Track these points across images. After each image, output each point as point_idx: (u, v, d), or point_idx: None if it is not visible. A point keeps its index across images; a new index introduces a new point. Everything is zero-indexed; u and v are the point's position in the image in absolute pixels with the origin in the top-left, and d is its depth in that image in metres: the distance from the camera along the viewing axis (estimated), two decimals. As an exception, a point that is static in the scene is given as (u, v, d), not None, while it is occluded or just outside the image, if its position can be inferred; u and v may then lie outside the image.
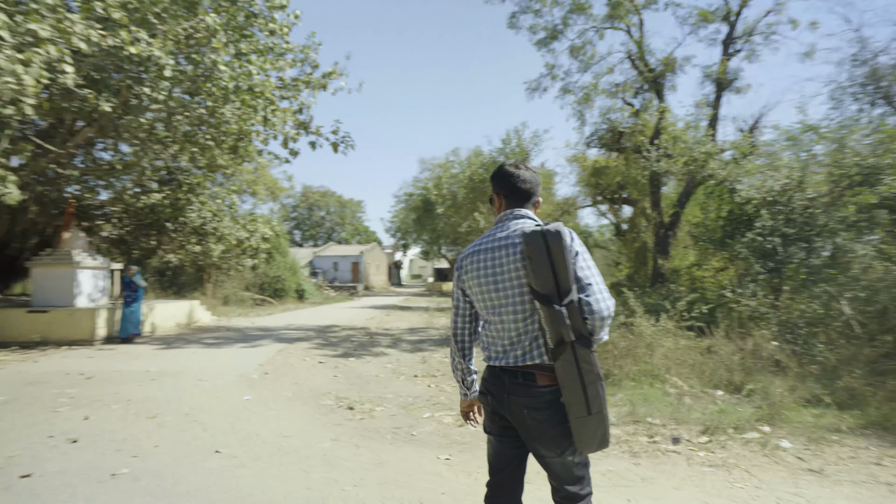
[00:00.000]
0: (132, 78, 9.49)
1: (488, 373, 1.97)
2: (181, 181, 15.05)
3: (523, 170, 2.01)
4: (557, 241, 1.74)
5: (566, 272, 1.73)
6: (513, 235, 1.88)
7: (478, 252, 1.95)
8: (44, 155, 10.85)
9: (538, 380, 1.81)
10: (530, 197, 2.01)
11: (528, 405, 1.81)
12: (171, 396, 6.03)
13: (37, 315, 9.86)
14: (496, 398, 1.91)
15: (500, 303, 1.87)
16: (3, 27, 6.44)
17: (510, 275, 1.84)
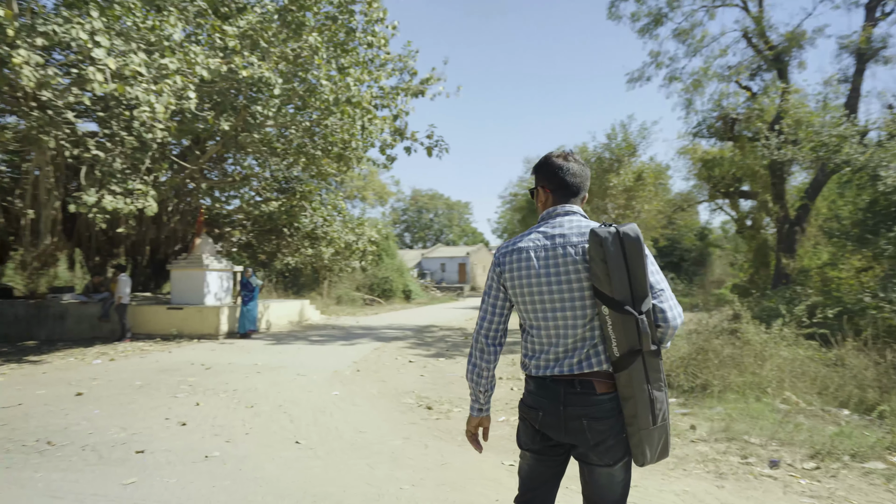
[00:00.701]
0: (247, 98, 10.52)
1: (535, 385, 1.79)
2: (295, 189, 16.33)
3: (573, 162, 1.84)
4: (636, 243, 1.62)
5: (643, 277, 1.63)
6: (570, 234, 1.74)
7: (526, 250, 1.78)
8: (181, 171, 12.44)
9: (597, 387, 1.69)
10: (579, 192, 1.85)
11: (588, 414, 1.68)
12: (270, 388, 6.57)
13: (174, 311, 11.31)
14: (548, 412, 1.73)
15: (556, 306, 1.72)
16: (141, 64, 7.46)
17: (570, 276, 1.70)
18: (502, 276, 1.82)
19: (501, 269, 1.82)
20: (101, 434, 4.69)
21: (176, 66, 7.75)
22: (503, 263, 1.82)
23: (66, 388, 6.63)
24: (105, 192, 8.53)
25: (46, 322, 11.82)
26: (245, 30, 10.00)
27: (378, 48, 12.94)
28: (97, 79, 6.92)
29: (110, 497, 3.36)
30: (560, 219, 1.80)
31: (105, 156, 8.94)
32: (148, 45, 8.30)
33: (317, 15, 11.32)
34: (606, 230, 1.63)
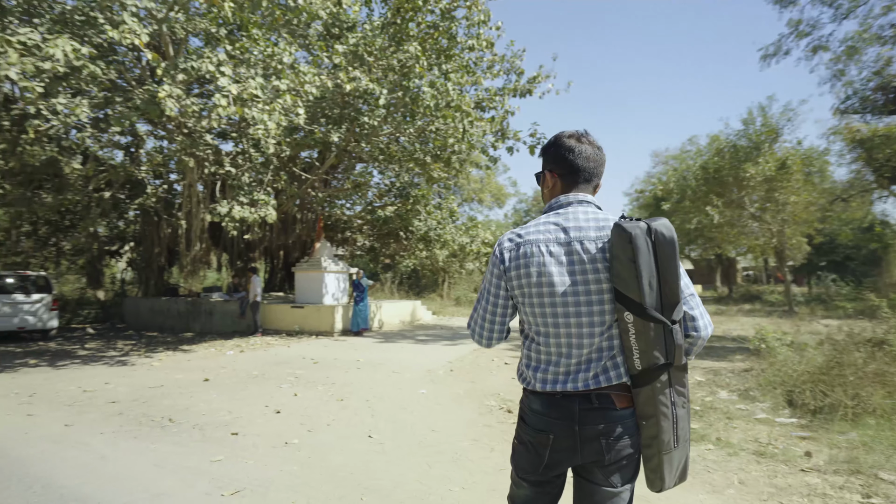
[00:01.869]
0: (355, 110, 11.24)
1: (544, 403, 1.53)
2: (409, 194, 17.03)
3: (587, 144, 1.61)
4: (670, 243, 1.40)
5: (676, 281, 1.42)
6: (587, 227, 1.51)
7: (536, 244, 1.53)
8: (304, 182, 13.66)
9: (616, 402, 1.48)
10: (592, 178, 1.62)
11: (607, 433, 1.47)
12: (364, 383, 6.92)
13: (297, 310, 12.44)
14: (561, 435, 1.49)
15: (570, 311, 1.48)
16: (258, 87, 8.36)
17: (587, 276, 1.47)
18: (507, 275, 1.57)
19: (505, 265, 1.56)
20: (211, 416, 5.32)
21: (286, 87, 8.54)
22: (508, 259, 1.56)
23: (199, 374, 7.63)
24: (235, 203, 9.68)
25: (200, 317, 13.72)
26: (353, 47, 10.70)
27: (481, 50, 13.04)
28: (221, 104, 7.88)
29: (197, 471, 3.79)
30: (573, 209, 1.56)
31: (236, 171, 10.15)
32: (265, 69, 9.26)
33: (420, 25, 11.72)
34: (636, 225, 1.40)
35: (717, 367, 8.04)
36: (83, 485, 3.52)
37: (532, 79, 14.24)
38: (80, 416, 5.38)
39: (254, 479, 3.61)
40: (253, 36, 9.40)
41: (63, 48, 6.75)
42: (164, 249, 14.95)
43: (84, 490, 3.43)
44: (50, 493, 3.39)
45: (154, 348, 10.60)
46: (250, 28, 9.28)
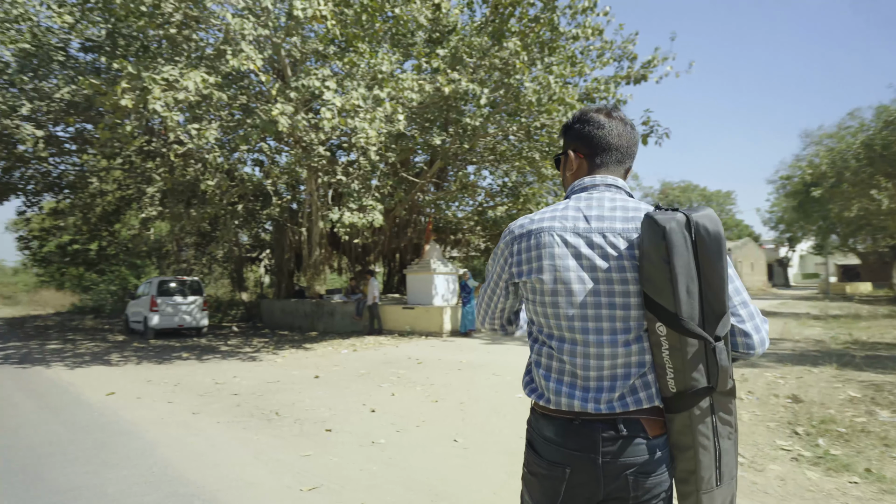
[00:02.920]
0: (456, 111, 11.31)
1: (559, 430, 1.25)
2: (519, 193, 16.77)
3: (617, 120, 1.35)
4: (716, 239, 1.12)
5: (722, 287, 1.14)
6: (614, 216, 1.24)
7: (550, 232, 1.26)
8: (412, 186, 14.08)
9: (648, 429, 1.21)
10: (624, 160, 1.37)
11: (637, 468, 1.20)
12: (461, 385, 6.88)
13: (408, 311, 12.83)
14: (578, 469, 1.21)
15: (589, 313, 1.22)
16: (359, 98, 8.76)
17: (611, 274, 1.20)
18: (514, 268, 1.31)
19: (513, 259, 1.31)
20: (312, 411, 5.63)
21: (385, 95, 8.83)
22: (515, 253, 1.30)
23: (312, 371, 8.16)
24: (345, 210, 10.24)
25: (323, 317, 14.76)
26: (452, 50, 10.78)
27: (586, 39, 12.42)
28: (326, 116, 8.37)
29: (286, 464, 3.99)
30: (599, 193, 1.30)
31: (346, 179, 10.74)
32: (368, 79, 9.68)
33: (521, 19, 11.48)
34: (671, 217, 1.13)
35: (880, 380, 6.72)
36: (190, 470, 3.89)
37: (647, 63, 13.27)
38: (207, 406, 6.01)
39: (333, 477, 3.70)
40: (359, 50, 9.89)
41: (194, 80, 7.64)
42: (293, 255, 16.34)
43: (188, 475, 3.78)
44: (162, 474, 3.79)
45: (281, 346, 11.60)
46: (356, 43, 9.78)
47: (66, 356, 10.33)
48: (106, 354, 10.61)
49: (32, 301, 29.24)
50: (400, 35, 11.69)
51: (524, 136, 13.34)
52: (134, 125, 8.16)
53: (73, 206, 16.67)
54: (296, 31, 9.87)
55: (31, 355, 10.48)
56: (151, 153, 11.69)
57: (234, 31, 8.19)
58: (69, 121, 11.50)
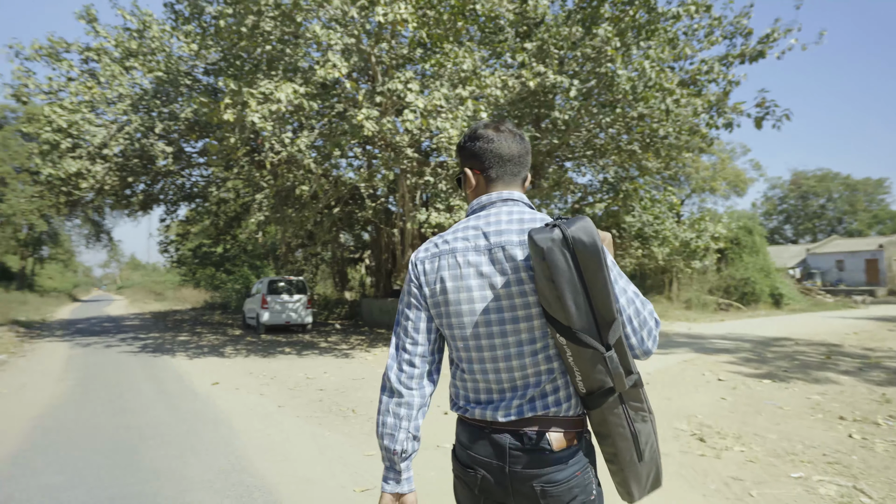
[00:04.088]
0: (543, 105, 10.91)
1: (470, 435, 1.32)
2: (618, 189, 15.89)
3: (507, 133, 1.38)
4: (592, 251, 1.13)
5: (607, 296, 1.16)
6: (511, 230, 1.28)
7: (452, 253, 1.32)
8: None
9: (554, 443, 1.24)
10: (518, 172, 1.40)
11: (544, 480, 1.24)
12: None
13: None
14: (490, 472, 1.27)
15: (495, 329, 1.27)
16: (441, 98, 8.77)
17: (511, 289, 1.25)
18: (421, 291, 1.35)
19: (419, 280, 1.35)
20: (387, 410, 5.68)
21: (467, 93, 8.74)
22: (420, 275, 1.35)
23: (397, 369, 8.30)
24: (432, 210, 10.31)
25: (417, 316, 15.04)
26: (540, 42, 10.43)
27: (690, 17, 11.39)
28: (409, 118, 8.47)
29: (347, 463, 4.04)
30: (496, 209, 1.34)
31: (434, 180, 10.82)
32: (452, 79, 9.66)
33: (615, 4, 10.81)
34: (548, 236, 1.13)
35: None
36: (260, 461, 4.08)
37: (765, 37, 11.85)
38: (292, 400, 6.33)
39: (388, 479, 3.67)
40: (444, 50, 9.92)
41: (286, 92, 8.12)
42: (389, 255, 16.87)
43: (257, 465, 3.96)
44: (235, 464, 4.01)
45: (375, 344, 11.99)
46: (443, 44, 9.82)
47: (189, 347, 11.54)
48: (222, 347, 11.69)
49: (175, 297, 33.29)
50: (487, 31, 11.55)
51: (623, 127, 12.55)
52: (237, 137, 8.89)
53: (201, 214, 18.67)
54: (385, 38, 10.15)
55: (163, 345, 11.86)
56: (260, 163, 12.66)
57: (323, 42, 8.59)
58: (193, 137, 12.86)
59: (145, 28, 12.59)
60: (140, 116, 12.24)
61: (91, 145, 11.62)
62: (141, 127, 12.02)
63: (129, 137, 11.94)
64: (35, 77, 12.88)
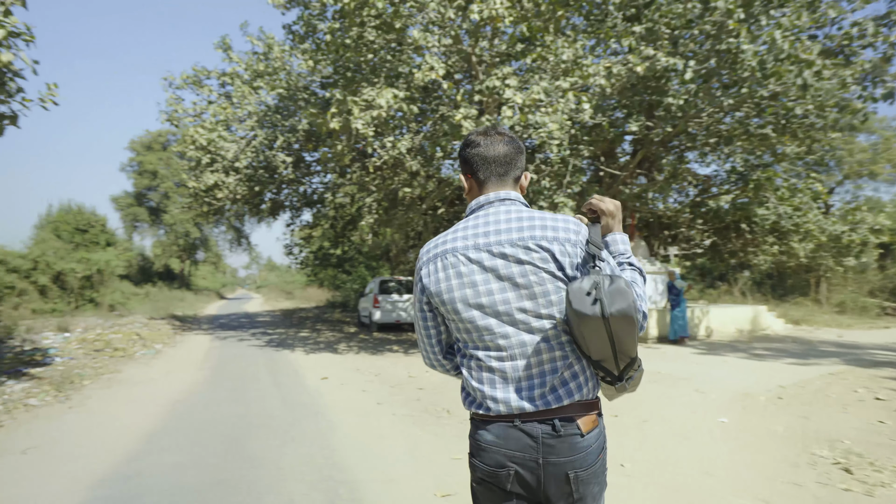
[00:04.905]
0: (655, 91, 10.08)
1: (500, 432, 1.31)
2: (747, 178, 14.29)
3: (494, 136, 1.43)
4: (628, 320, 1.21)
5: (633, 345, 1.26)
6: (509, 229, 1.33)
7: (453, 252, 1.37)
8: (615, 179, 13.08)
9: (583, 427, 1.30)
10: (507, 172, 1.43)
11: (575, 465, 1.27)
12: (651, 399, 6.04)
13: (609, 313, 11.93)
14: (524, 470, 1.28)
15: (506, 319, 1.32)
16: (540, 92, 8.47)
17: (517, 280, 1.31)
18: (429, 290, 1.40)
19: (427, 280, 1.41)
20: (481, 413, 5.57)
21: (568, 85, 8.34)
22: (427, 275, 1.41)
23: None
24: (535, 208, 10.01)
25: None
26: (651, 24, 9.68)
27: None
28: (506, 115, 8.29)
29: (435, 464, 3.99)
30: (494, 208, 1.40)
31: (537, 177, 10.50)
32: (554, 71, 9.29)
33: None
34: (588, 306, 1.17)
35: None
36: (351, 457, 4.18)
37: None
38: (392, 397, 6.47)
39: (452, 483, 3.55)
40: (546, 42, 9.60)
41: (386, 97, 8.37)
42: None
43: (348, 462, 4.06)
44: (328, 458, 4.15)
45: (480, 343, 11.94)
46: (545, 35, 9.50)
47: (308, 343, 12.41)
48: (336, 343, 12.40)
49: (302, 296, 36.19)
50: (592, 19, 10.96)
51: (752, 109, 11.20)
52: (343, 144, 9.35)
53: (321, 218, 20.05)
54: (484, 35, 10.07)
55: (286, 340, 12.88)
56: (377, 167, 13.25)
57: (421, 46, 8.72)
58: (309, 147, 13.81)
59: (269, 50, 13.79)
60: (265, 131, 13.43)
61: (225, 159, 12.97)
62: (265, 140, 13.18)
63: (255, 150, 13.15)
64: (183, 103, 14.71)
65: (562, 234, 1.30)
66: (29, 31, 6.49)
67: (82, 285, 19.74)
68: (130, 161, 37.40)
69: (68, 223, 24.97)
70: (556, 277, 1.29)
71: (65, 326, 13.02)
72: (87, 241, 24.62)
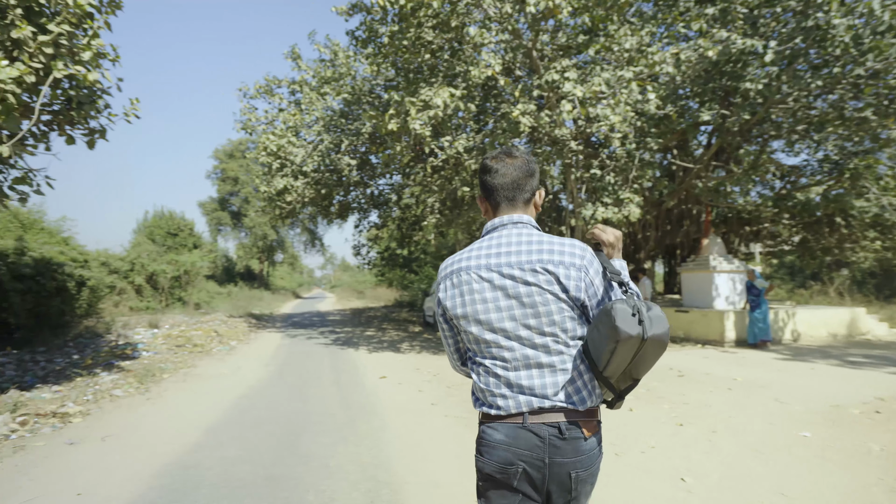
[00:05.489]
0: (730, 77, 9.35)
1: (509, 432, 1.39)
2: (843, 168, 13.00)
3: (505, 160, 1.52)
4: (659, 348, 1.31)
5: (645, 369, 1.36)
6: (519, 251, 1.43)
7: (465, 271, 1.48)
8: (688, 173, 12.32)
9: (585, 430, 1.39)
10: (515, 196, 1.52)
11: (577, 466, 1.37)
12: (724, 409, 5.59)
13: (682, 314, 11.23)
14: (531, 466, 1.36)
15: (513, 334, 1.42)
16: (601, 83, 8.11)
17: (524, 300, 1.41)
18: (444, 304, 1.52)
19: (444, 294, 1.52)
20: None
21: (631, 75, 7.91)
22: (444, 290, 1.53)
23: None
24: (598, 204, 9.61)
25: (590, 318, 14.29)
26: (726, 5, 9.01)
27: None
28: (566, 109, 8.00)
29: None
30: (507, 231, 1.50)
31: (601, 172, 10.08)
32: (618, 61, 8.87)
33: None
34: (632, 327, 1.24)
35: None
36: (399, 458, 4.16)
37: None
38: (446, 399, 6.43)
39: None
40: (609, 32, 9.20)
41: (442, 97, 8.34)
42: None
43: (395, 462, 4.05)
44: (375, 458, 4.16)
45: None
46: (608, 24, 9.11)
47: (372, 342, 12.66)
48: (400, 342, 12.56)
49: (372, 296, 37.13)
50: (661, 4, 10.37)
51: (849, 90, 10.12)
52: (402, 145, 9.43)
53: (387, 219, 20.44)
54: (545, 29, 9.81)
55: (351, 339, 13.22)
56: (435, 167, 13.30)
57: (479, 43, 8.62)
58: (373, 149, 14.10)
59: (335, 57, 14.22)
60: (330, 135, 13.86)
61: (293, 164, 13.52)
62: (330, 144, 13.60)
63: (321, 154, 13.60)
64: (256, 111, 15.50)
65: (567, 258, 1.40)
66: (115, 52, 7.05)
67: (172, 285, 21.34)
68: (215, 169, 40.08)
69: (161, 228, 27.14)
70: (560, 299, 1.38)
71: (155, 323, 14.13)
72: (177, 244, 26.62)
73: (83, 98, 6.62)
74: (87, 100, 6.70)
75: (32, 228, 13.74)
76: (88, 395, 6.29)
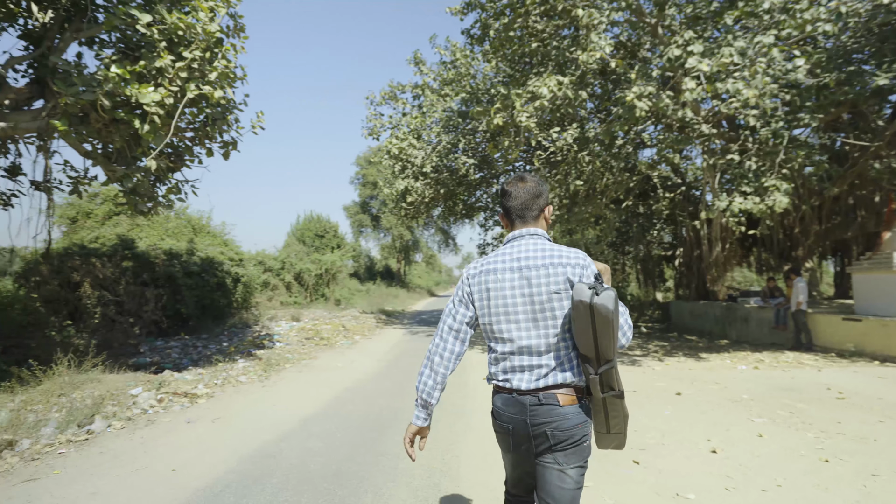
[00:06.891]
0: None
1: (504, 401, 1.84)
2: None
3: (517, 184, 1.92)
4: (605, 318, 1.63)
5: (608, 344, 1.67)
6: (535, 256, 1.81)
7: (494, 271, 1.85)
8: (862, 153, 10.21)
9: (561, 400, 1.76)
10: (525, 213, 1.90)
11: (552, 426, 1.75)
12: (893, 447, 4.42)
13: (853, 323, 9.29)
14: (517, 426, 1.81)
15: (523, 325, 1.79)
16: (732, 54, 7.02)
17: (535, 298, 1.78)
18: (471, 297, 1.90)
19: (469, 288, 1.90)
20: (638, 434, 4.78)
21: (772, 40, 6.69)
22: (471, 285, 1.90)
23: (681, 385, 7.01)
24: (736, 195, 8.36)
25: (735, 323, 12.56)
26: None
27: None
28: (689, 87, 7.06)
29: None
30: (525, 241, 1.87)
31: (739, 158, 8.76)
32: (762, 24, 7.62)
33: None
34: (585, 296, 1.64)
35: None
36: (467, 467, 3.94)
37: None
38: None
39: (583, 524, 2.99)
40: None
41: (549, 85, 7.89)
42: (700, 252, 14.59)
43: (462, 471, 3.84)
44: (446, 464, 3.98)
45: (675, 352, 10.50)
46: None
47: (488, 341, 12.50)
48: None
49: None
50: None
51: None
52: (510, 140, 9.12)
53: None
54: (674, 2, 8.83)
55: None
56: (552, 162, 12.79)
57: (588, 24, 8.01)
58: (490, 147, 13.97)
59: (454, 57, 14.36)
60: (449, 136, 14.02)
61: (414, 165, 13.93)
62: (448, 144, 13.75)
63: (439, 155, 13.81)
64: (382, 118, 16.29)
65: (573, 260, 1.77)
66: (243, 71, 7.82)
67: (316, 282, 23.43)
68: (356, 174, 43.25)
69: (310, 230, 29.97)
70: (563, 296, 1.74)
71: (297, 316, 15.56)
72: (323, 245, 29.19)
73: (216, 115, 7.44)
74: (220, 115, 7.52)
75: (201, 232, 15.96)
76: (219, 379, 7.04)
